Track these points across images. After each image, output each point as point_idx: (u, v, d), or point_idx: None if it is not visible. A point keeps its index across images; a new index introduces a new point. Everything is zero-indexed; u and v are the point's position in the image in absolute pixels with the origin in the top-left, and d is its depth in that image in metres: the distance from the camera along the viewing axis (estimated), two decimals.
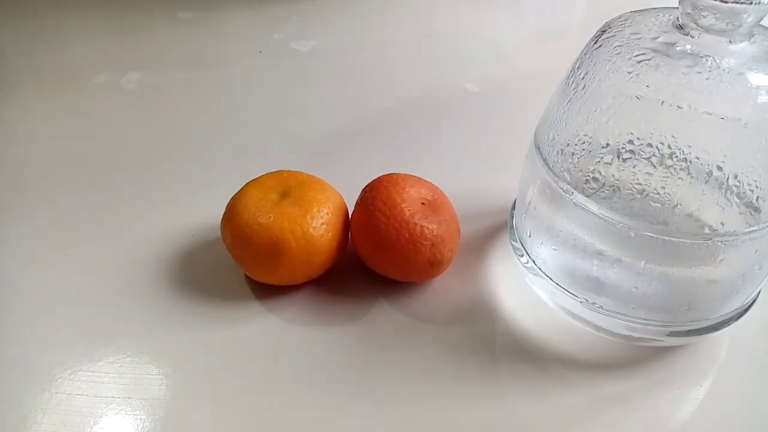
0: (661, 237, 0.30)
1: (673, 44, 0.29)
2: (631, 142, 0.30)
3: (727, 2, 0.27)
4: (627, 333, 0.34)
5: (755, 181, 0.29)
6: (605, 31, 0.32)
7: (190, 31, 0.71)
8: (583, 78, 0.32)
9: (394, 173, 0.38)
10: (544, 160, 0.33)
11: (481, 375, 0.34)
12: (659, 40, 0.30)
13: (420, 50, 0.69)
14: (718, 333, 0.33)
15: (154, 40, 0.70)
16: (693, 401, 0.33)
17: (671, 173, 0.30)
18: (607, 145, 0.31)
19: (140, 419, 0.31)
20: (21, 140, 0.52)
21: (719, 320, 0.33)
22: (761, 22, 0.29)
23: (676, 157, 0.30)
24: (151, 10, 0.75)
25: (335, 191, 0.38)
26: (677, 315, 0.33)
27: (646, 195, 0.31)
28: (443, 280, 0.39)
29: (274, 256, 0.35)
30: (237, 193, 0.37)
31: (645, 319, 0.33)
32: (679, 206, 0.31)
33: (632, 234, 0.30)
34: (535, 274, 0.36)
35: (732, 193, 0.29)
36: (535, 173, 0.34)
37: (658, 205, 0.31)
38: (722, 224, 0.30)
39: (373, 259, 0.37)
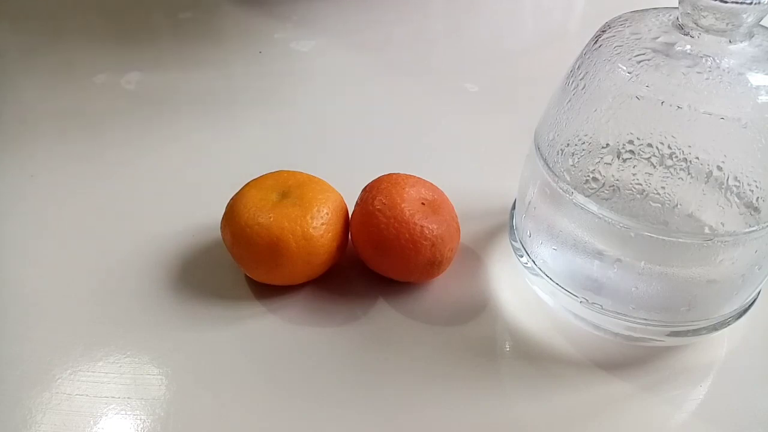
0: (661, 237, 0.30)
1: (673, 44, 0.29)
2: (631, 142, 0.30)
3: (727, 2, 0.27)
4: (627, 333, 0.34)
5: (755, 181, 0.29)
6: (605, 31, 0.32)
7: (190, 31, 0.71)
8: (582, 78, 0.32)
9: (394, 173, 0.38)
10: (544, 160, 0.33)
11: (481, 375, 0.34)
12: (659, 40, 0.30)
13: (420, 50, 0.69)
14: (718, 333, 0.33)
15: (154, 40, 0.70)
16: (693, 401, 0.33)
17: (671, 173, 0.30)
18: (607, 145, 0.31)
19: (140, 419, 0.31)
20: (21, 140, 0.52)
21: (719, 320, 0.33)
22: (761, 22, 0.29)
23: (676, 157, 0.30)
24: (151, 11, 0.75)
25: (335, 191, 0.38)
26: (677, 315, 0.33)
27: (646, 195, 0.31)
28: (443, 280, 0.39)
29: (274, 256, 0.35)
30: (237, 193, 0.37)
31: (645, 319, 0.33)
32: (679, 206, 0.31)
33: (632, 234, 0.30)
34: (535, 274, 0.36)
35: (732, 193, 0.29)
36: (535, 173, 0.34)
37: (658, 205, 0.31)
38: (722, 224, 0.30)
39: (373, 259, 0.37)
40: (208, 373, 0.34)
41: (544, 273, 0.35)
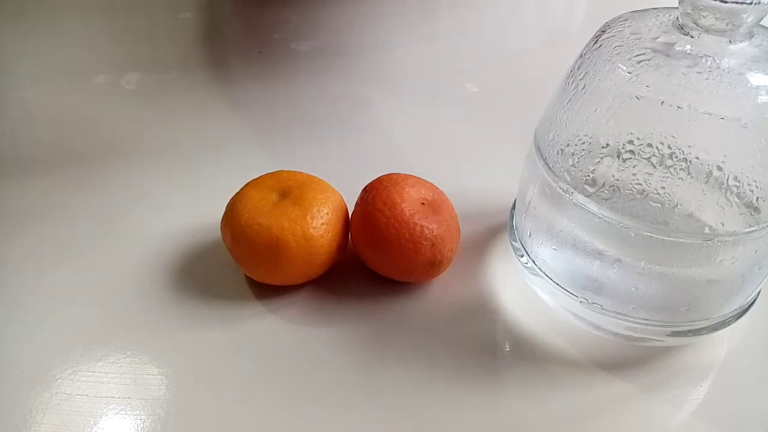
0: (661, 237, 0.30)
1: (673, 44, 0.29)
2: (631, 142, 0.30)
3: (727, 2, 0.27)
4: (627, 333, 0.34)
5: (755, 181, 0.29)
6: (605, 31, 0.32)
7: (190, 31, 0.71)
8: (582, 78, 0.32)
9: (394, 173, 0.38)
10: (544, 160, 0.33)
11: (481, 375, 0.34)
12: (659, 40, 0.30)
13: (420, 50, 0.69)
14: (718, 333, 0.33)
15: (154, 40, 0.70)
16: (693, 401, 0.33)
17: (671, 173, 0.30)
18: (607, 145, 0.31)
19: (140, 419, 0.31)
20: (21, 140, 0.52)
21: (719, 320, 0.33)
22: (761, 22, 0.29)
23: (676, 157, 0.30)
24: (151, 11, 0.75)
25: (335, 191, 0.38)
26: (677, 315, 0.33)
27: (646, 195, 0.31)
28: (443, 280, 0.39)
29: (274, 256, 0.35)
30: (237, 193, 0.37)
31: (645, 319, 0.33)
32: (679, 206, 0.31)
33: (632, 234, 0.30)
34: (535, 274, 0.36)
35: (732, 193, 0.29)
36: (535, 173, 0.34)
37: (658, 205, 0.31)
38: (722, 224, 0.30)
39: (373, 259, 0.37)
40: (208, 373, 0.34)
41: (544, 273, 0.35)
